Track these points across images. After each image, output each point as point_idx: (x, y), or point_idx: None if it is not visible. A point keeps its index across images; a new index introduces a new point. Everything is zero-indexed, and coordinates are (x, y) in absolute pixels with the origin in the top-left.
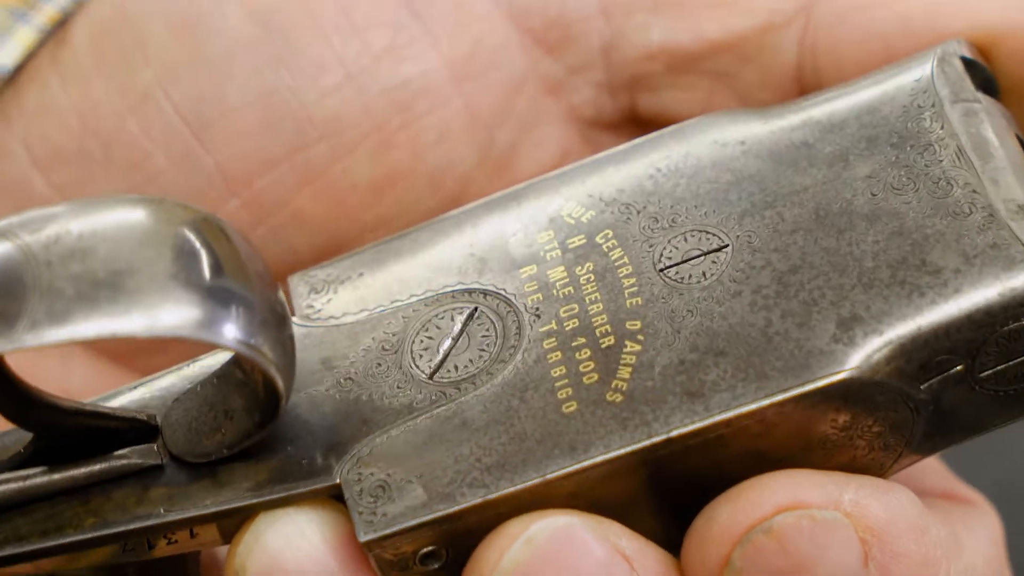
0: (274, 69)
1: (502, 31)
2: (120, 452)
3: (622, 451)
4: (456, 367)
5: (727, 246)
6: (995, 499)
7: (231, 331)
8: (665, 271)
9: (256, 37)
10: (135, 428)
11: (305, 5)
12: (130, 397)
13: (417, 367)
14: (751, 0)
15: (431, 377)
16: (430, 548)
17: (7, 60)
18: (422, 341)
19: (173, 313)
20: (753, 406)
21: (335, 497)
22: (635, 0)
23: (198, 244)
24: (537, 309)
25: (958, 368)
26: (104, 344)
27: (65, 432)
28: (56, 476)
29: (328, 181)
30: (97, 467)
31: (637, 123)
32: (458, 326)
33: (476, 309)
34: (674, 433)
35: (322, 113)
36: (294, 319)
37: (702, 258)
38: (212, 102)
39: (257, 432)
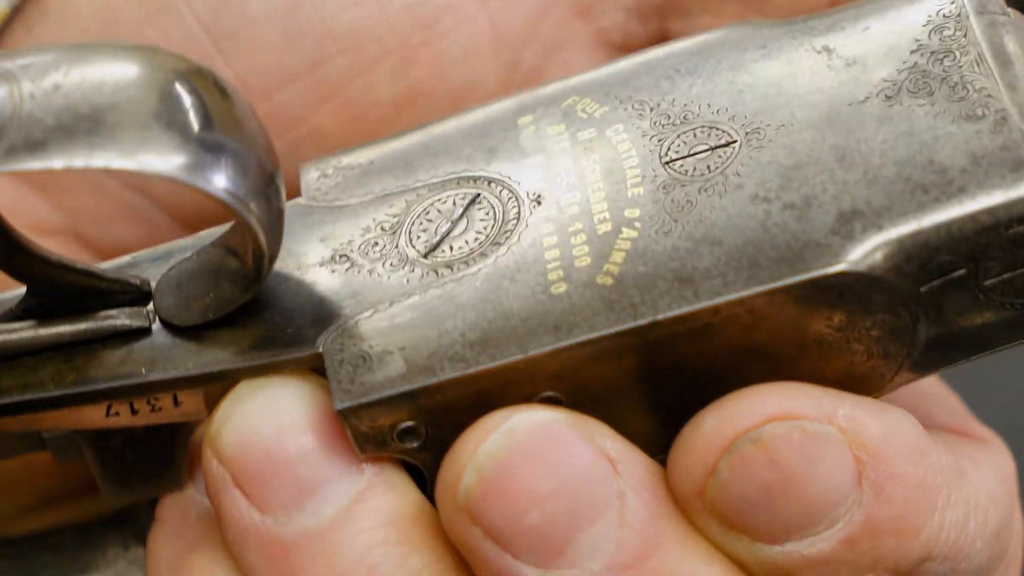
0: None
1: None
2: (108, 312)
3: (606, 331)
4: (452, 248)
5: (735, 142)
6: (1012, 443)
7: (214, 176)
8: (670, 164)
9: None
10: (126, 291)
11: None
12: (129, 263)
13: (413, 247)
14: None
15: (425, 256)
16: (408, 424)
17: None
18: (422, 223)
19: (152, 152)
20: (743, 293)
21: (319, 371)
22: None
23: (187, 90)
24: (539, 196)
25: (960, 272)
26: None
27: (55, 287)
28: (42, 331)
29: (348, 97)
30: (84, 325)
31: None
32: (459, 210)
33: (479, 195)
34: (660, 316)
35: (343, 27)
36: (300, 200)
37: (709, 152)
38: (233, 12)
39: (242, 296)
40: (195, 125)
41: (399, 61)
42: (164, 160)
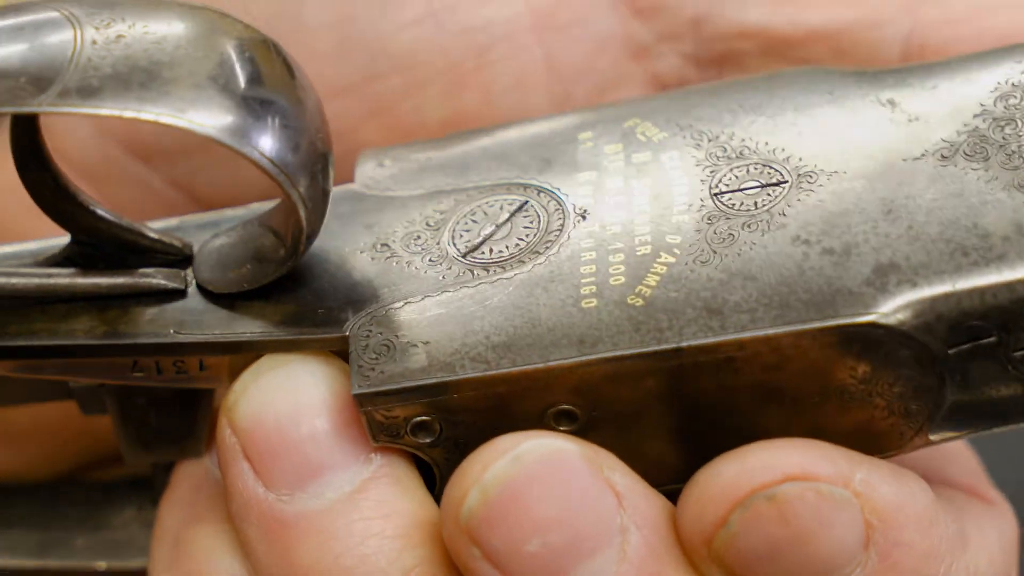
0: None
1: None
2: (146, 270)
3: (628, 352)
4: (491, 250)
5: (786, 182)
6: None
7: (262, 144)
8: (719, 196)
9: None
10: (168, 252)
11: None
12: (178, 226)
13: (454, 245)
14: None
15: (464, 256)
16: (423, 418)
17: None
18: (466, 224)
19: (202, 111)
20: (768, 331)
21: (343, 356)
22: None
23: (247, 57)
24: (585, 211)
25: (991, 339)
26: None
27: (98, 238)
28: (79, 280)
29: (396, 116)
30: (120, 280)
31: None
32: (505, 215)
33: (527, 203)
34: (684, 344)
35: (398, 46)
36: (353, 186)
37: (759, 189)
38: (289, 20)
39: (279, 269)
40: (249, 92)
41: (450, 84)
42: (213, 120)
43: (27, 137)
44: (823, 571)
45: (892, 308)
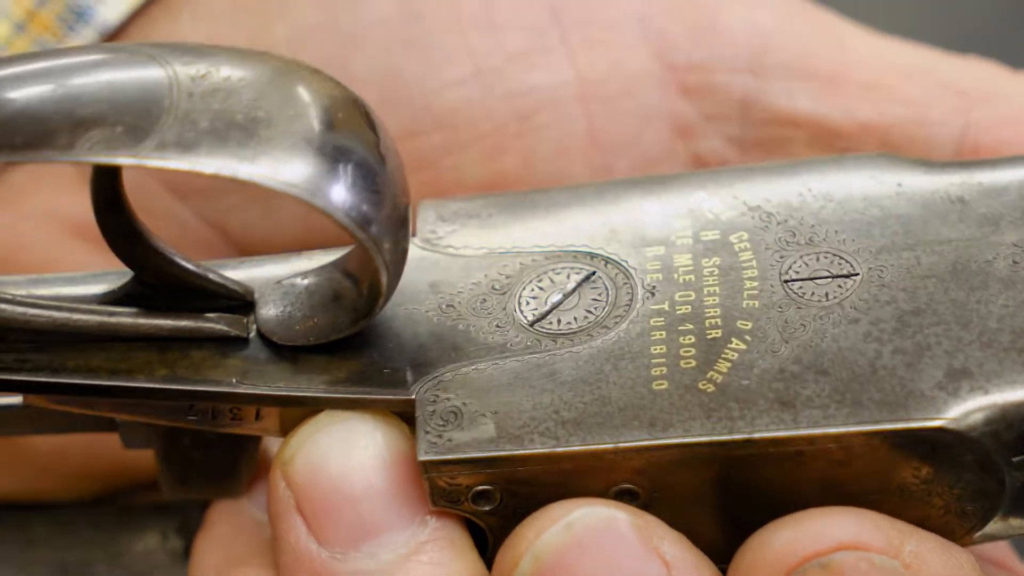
0: (403, 51)
1: (643, 61)
2: (209, 315)
3: (699, 439)
4: (559, 321)
5: (857, 275)
6: None
7: (351, 207)
8: (789, 283)
9: (393, 15)
10: (231, 297)
11: None
12: (241, 267)
13: (521, 312)
14: (907, 91)
15: (532, 324)
16: (485, 487)
17: None
18: (533, 290)
19: (298, 171)
20: (840, 429)
21: (405, 417)
22: (788, 64)
23: (342, 117)
24: (654, 287)
25: None
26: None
27: (162, 280)
28: (141, 321)
29: (436, 173)
30: (183, 323)
31: None
32: (572, 284)
33: (594, 273)
34: (756, 435)
35: (441, 104)
36: (414, 240)
37: (829, 280)
38: (335, 71)
39: (348, 328)
40: (342, 154)
41: (491, 148)
42: (307, 183)
43: (109, 184)
44: None
45: (963, 413)
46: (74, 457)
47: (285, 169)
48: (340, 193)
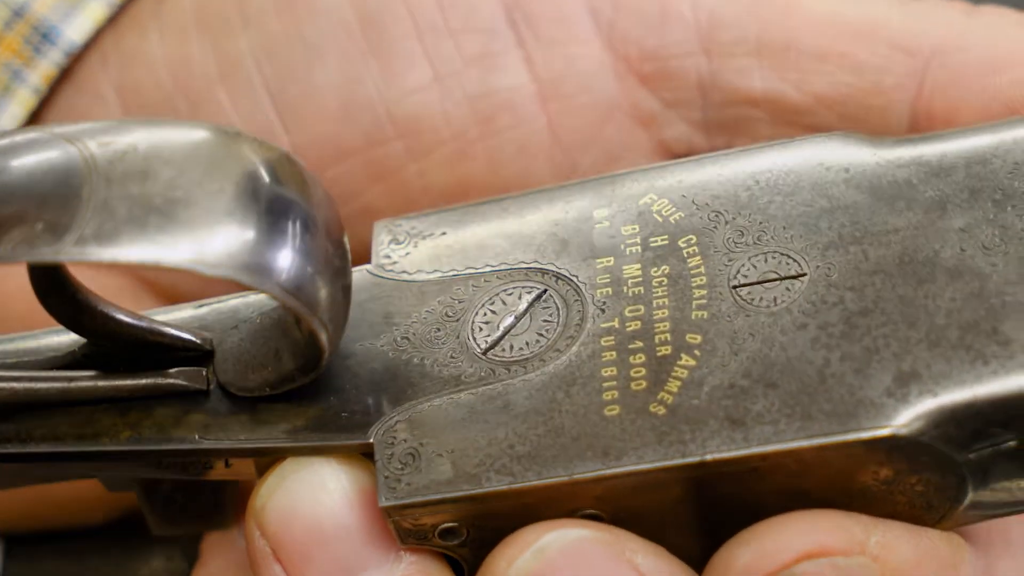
0: (364, 58)
1: (597, 55)
2: (168, 371)
3: (653, 465)
4: (512, 347)
5: (805, 275)
6: None
7: (279, 279)
8: (738, 289)
9: (353, 23)
10: (190, 349)
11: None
12: (193, 315)
13: (474, 340)
14: (859, 57)
15: (485, 353)
16: (450, 524)
17: None
18: (485, 314)
19: (221, 252)
20: (792, 445)
21: (368, 455)
22: (738, 41)
23: (264, 185)
24: (604, 303)
25: (1010, 443)
26: (161, 280)
27: (118, 341)
28: (100, 383)
29: (401, 180)
30: (142, 381)
31: None
32: (524, 305)
33: (545, 291)
34: (708, 457)
35: (403, 111)
36: (368, 267)
37: (778, 283)
38: (299, 81)
39: (300, 378)
40: (266, 223)
41: (454, 152)
42: (228, 260)
43: (45, 270)
44: None
45: (913, 419)
46: (81, 487)
47: (209, 250)
48: (269, 266)
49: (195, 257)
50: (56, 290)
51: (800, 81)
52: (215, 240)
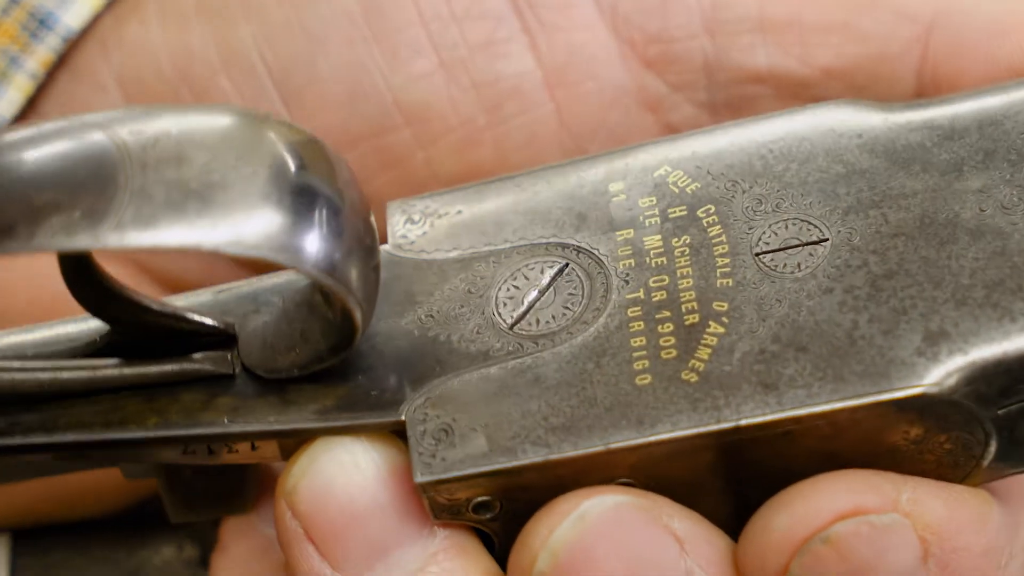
0: (368, 46)
1: (602, 41)
2: (193, 356)
3: (688, 432)
4: (538, 321)
5: (827, 240)
6: None
7: (315, 258)
8: (761, 256)
9: (355, 10)
10: (212, 334)
11: None
12: (214, 300)
13: (499, 315)
14: (864, 26)
15: (511, 328)
16: (484, 498)
17: None
18: (508, 289)
19: (259, 233)
20: (826, 407)
21: (397, 432)
22: (741, 19)
23: (295, 167)
24: (627, 275)
25: None
26: (174, 273)
27: (142, 329)
28: (127, 371)
29: (408, 168)
30: (168, 367)
31: None
32: (546, 279)
33: (567, 265)
34: (743, 422)
35: (409, 98)
36: (385, 247)
37: (800, 248)
38: (303, 69)
39: (330, 358)
40: (303, 205)
41: (462, 140)
42: (267, 241)
43: (76, 259)
44: None
45: (944, 377)
46: (88, 478)
47: (246, 232)
48: (304, 246)
49: (234, 239)
50: (86, 278)
51: (805, 55)
52: (252, 222)
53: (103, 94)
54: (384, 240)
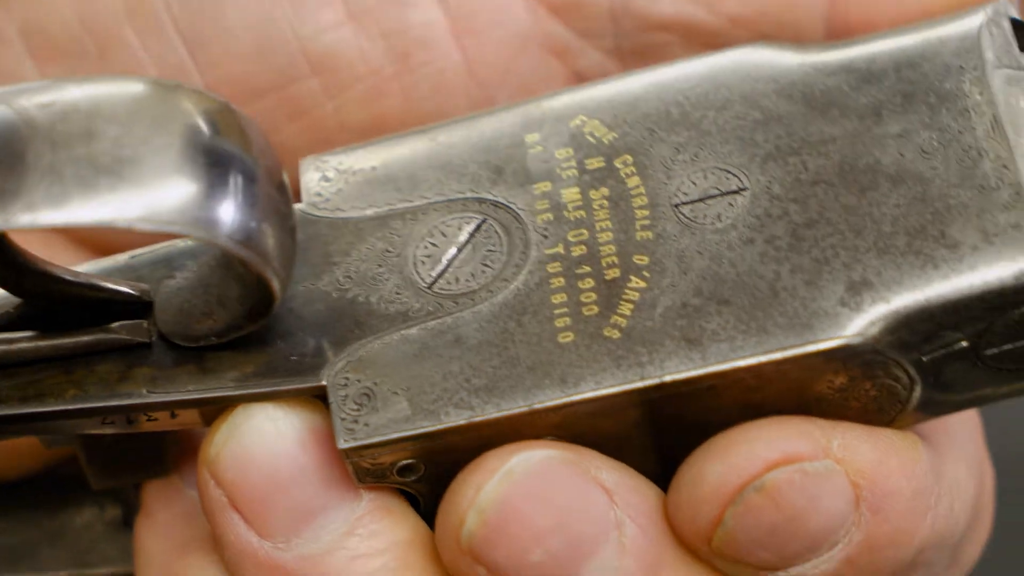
0: None
1: None
2: (109, 326)
3: (612, 390)
4: (457, 279)
5: (746, 189)
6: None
7: (230, 230)
8: (680, 207)
9: None
10: (128, 302)
11: None
12: (127, 264)
13: (418, 274)
14: None
15: (430, 287)
16: (408, 461)
17: None
18: (426, 247)
19: (172, 208)
20: (751, 361)
21: (320, 397)
22: None
23: (207, 137)
24: (546, 229)
25: (962, 344)
26: (91, 234)
27: (56, 299)
28: (42, 343)
29: (316, 119)
30: (84, 338)
31: None
32: (464, 236)
33: (484, 220)
34: (667, 378)
35: (317, 48)
36: (300, 206)
37: (720, 198)
38: (210, 20)
39: (247, 325)
40: (216, 176)
41: (370, 90)
42: (180, 216)
43: None
44: (820, 540)
45: (867, 327)
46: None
47: (159, 207)
48: (219, 218)
49: (146, 214)
50: None
51: (711, 2)
52: (166, 197)
53: (5, 47)
54: (298, 198)
